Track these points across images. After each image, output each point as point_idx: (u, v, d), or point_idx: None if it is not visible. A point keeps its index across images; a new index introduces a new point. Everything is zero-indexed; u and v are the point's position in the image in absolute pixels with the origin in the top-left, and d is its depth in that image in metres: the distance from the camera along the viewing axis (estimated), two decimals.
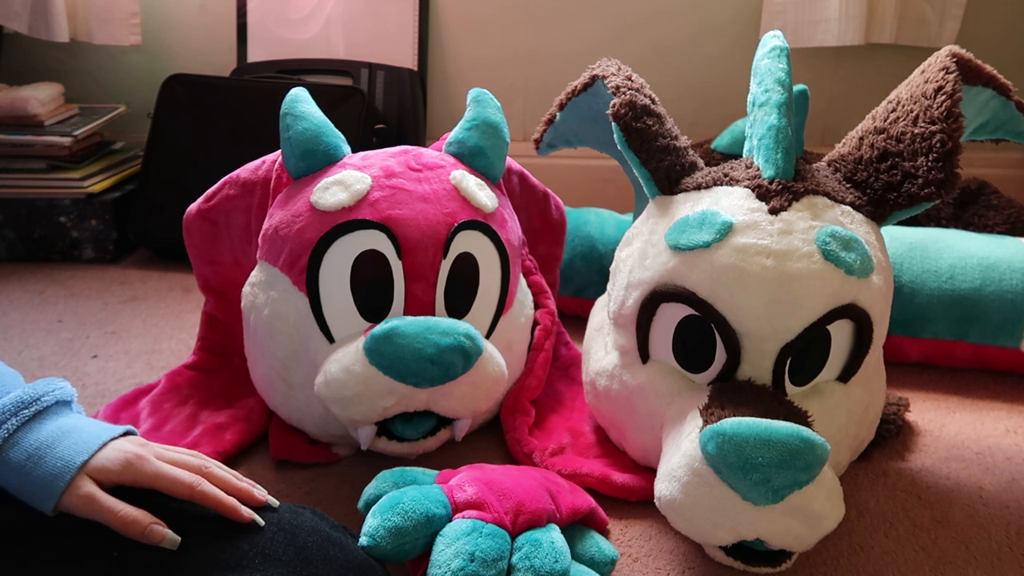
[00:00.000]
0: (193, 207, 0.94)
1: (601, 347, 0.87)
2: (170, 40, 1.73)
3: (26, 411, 0.55)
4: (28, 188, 1.45)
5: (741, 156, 0.83)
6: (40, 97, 1.48)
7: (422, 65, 1.67)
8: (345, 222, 0.79)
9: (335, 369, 0.76)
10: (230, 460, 0.86)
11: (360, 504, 0.68)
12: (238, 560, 0.54)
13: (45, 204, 1.46)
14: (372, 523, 0.62)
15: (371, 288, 0.80)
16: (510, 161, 0.99)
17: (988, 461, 0.90)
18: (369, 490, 0.69)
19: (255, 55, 1.68)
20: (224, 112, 1.51)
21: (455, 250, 0.82)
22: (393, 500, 0.64)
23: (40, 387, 0.57)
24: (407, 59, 1.66)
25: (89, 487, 0.53)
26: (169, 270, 1.45)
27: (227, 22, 1.69)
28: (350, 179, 0.82)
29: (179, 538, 0.54)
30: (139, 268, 1.47)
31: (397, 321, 0.76)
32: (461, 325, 0.77)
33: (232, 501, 0.57)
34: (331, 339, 0.80)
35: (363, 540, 0.61)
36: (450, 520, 0.64)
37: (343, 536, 0.60)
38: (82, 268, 1.47)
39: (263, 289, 0.84)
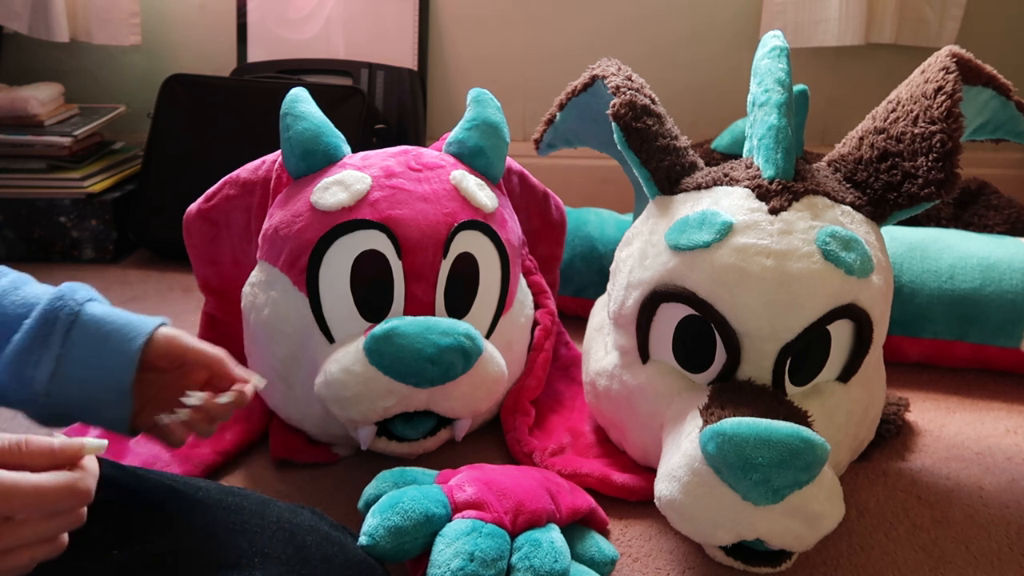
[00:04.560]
0: (193, 207, 0.94)
1: (601, 347, 0.87)
2: (170, 40, 1.73)
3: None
4: (28, 188, 1.45)
5: (741, 156, 0.83)
6: (40, 97, 1.48)
7: (422, 65, 1.67)
8: (345, 222, 0.79)
9: (335, 369, 0.76)
10: (230, 460, 0.86)
11: (360, 504, 0.68)
12: (237, 559, 0.54)
13: (45, 204, 1.46)
14: (372, 522, 0.62)
15: (371, 288, 0.80)
16: (510, 161, 0.99)
17: (988, 461, 0.90)
18: (369, 490, 0.69)
19: (255, 55, 1.68)
20: (224, 112, 1.51)
21: (455, 250, 0.82)
22: (393, 500, 0.64)
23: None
24: (407, 59, 1.66)
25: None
26: (169, 270, 1.45)
27: (227, 22, 1.69)
28: (350, 179, 0.82)
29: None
30: (139, 268, 1.47)
31: (397, 321, 0.76)
32: (461, 325, 0.77)
33: None
34: (331, 339, 0.80)
35: (363, 539, 0.61)
36: (450, 520, 0.64)
37: (342, 535, 0.61)
38: (82, 268, 1.47)
39: (263, 289, 0.84)
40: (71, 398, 0.56)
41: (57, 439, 0.44)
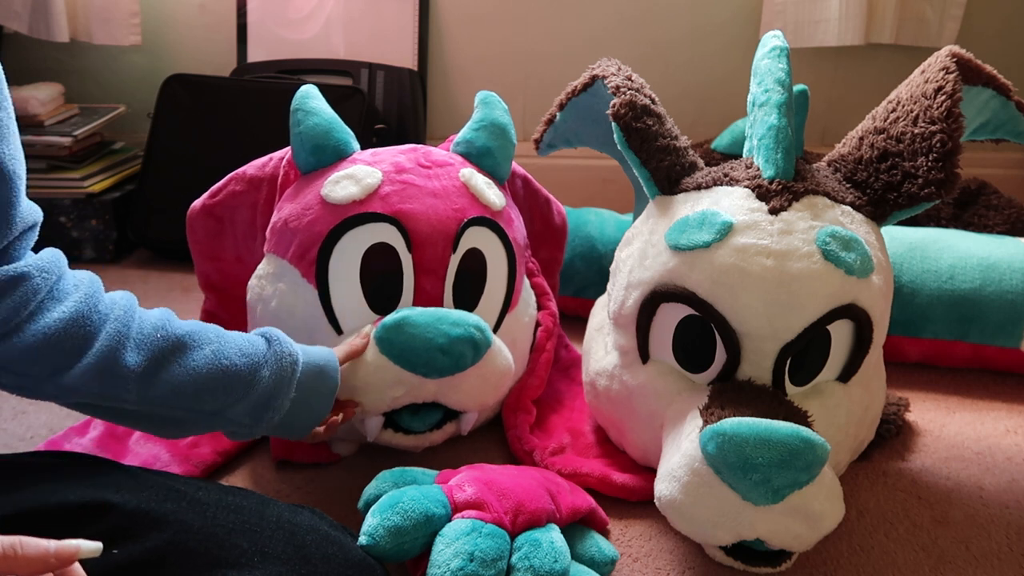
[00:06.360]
0: (198, 203, 0.94)
1: (601, 347, 0.87)
2: (170, 40, 1.73)
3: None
4: (28, 188, 1.44)
5: (741, 156, 0.83)
6: (40, 97, 1.48)
7: (422, 65, 1.67)
8: (356, 215, 0.80)
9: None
10: (230, 460, 0.86)
11: (360, 504, 0.68)
12: (237, 558, 0.54)
13: (45, 204, 1.42)
14: (372, 522, 0.62)
15: (381, 280, 0.80)
16: (515, 165, 0.99)
17: (988, 461, 0.90)
18: (369, 490, 0.69)
19: (255, 55, 1.67)
20: (224, 112, 1.51)
21: (464, 245, 0.82)
22: (393, 499, 0.64)
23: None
24: (407, 59, 1.66)
25: None
26: (169, 270, 1.45)
27: (227, 22, 1.69)
28: (361, 173, 0.82)
29: None
30: (139, 268, 1.47)
31: (408, 311, 0.76)
32: (471, 317, 0.78)
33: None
34: (339, 331, 0.80)
35: (362, 539, 0.61)
36: (450, 520, 0.64)
37: (342, 535, 0.61)
38: (82, 268, 1.46)
39: (271, 281, 0.84)
40: (286, 424, 0.69)
41: (52, 543, 0.43)
